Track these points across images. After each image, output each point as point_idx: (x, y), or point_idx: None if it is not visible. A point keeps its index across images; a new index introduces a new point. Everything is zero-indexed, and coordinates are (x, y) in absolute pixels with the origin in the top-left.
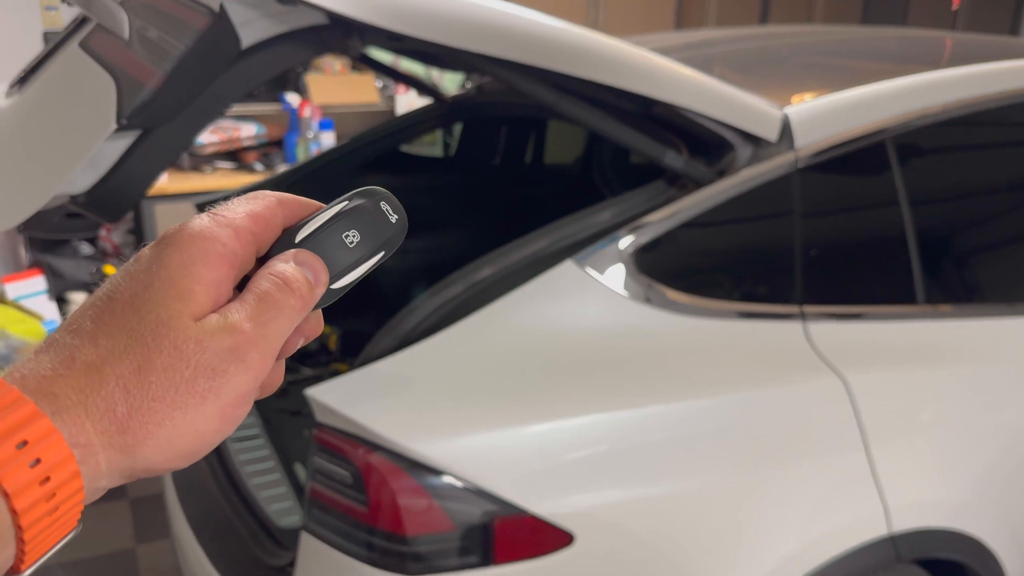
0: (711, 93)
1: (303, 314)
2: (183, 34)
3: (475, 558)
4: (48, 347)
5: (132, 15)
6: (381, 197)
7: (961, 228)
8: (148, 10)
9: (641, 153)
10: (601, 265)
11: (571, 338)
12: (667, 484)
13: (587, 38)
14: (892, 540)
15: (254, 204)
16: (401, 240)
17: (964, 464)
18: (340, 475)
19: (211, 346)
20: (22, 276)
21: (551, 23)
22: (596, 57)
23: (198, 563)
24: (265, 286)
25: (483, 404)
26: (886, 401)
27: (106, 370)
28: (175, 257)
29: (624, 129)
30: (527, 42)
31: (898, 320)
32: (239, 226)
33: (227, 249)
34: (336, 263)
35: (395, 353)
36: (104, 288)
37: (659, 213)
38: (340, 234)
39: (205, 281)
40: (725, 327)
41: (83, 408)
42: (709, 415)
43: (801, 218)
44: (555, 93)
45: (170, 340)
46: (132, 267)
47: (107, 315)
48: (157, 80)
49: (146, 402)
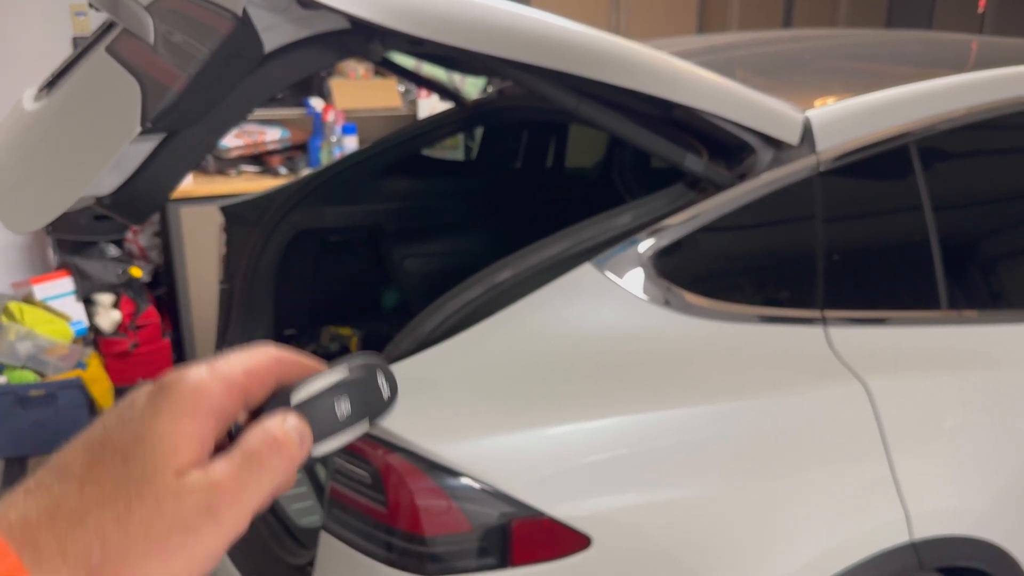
0: (731, 96)
1: (286, 476)
2: (207, 38)
3: (492, 559)
4: (37, 489)
5: (157, 20)
6: (378, 368)
7: (985, 232)
8: (173, 15)
9: (661, 157)
10: (620, 268)
11: (590, 341)
12: (686, 488)
13: (608, 42)
14: (914, 547)
15: (252, 360)
16: (389, 413)
17: (988, 472)
18: (359, 475)
19: (189, 503)
20: (50, 277)
21: (571, 27)
22: (616, 61)
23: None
24: (255, 445)
25: (501, 406)
26: (908, 407)
27: (88, 518)
28: (167, 409)
29: (644, 133)
30: (547, 46)
31: (921, 325)
32: (232, 382)
33: (216, 404)
34: (323, 430)
35: (414, 355)
36: (97, 430)
37: (679, 216)
38: (332, 401)
39: (190, 436)
40: (745, 331)
41: (61, 555)
42: (729, 420)
43: (822, 222)
44: (575, 97)
45: (152, 493)
46: (127, 413)
47: (97, 462)
48: (182, 84)
49: (120, 551)
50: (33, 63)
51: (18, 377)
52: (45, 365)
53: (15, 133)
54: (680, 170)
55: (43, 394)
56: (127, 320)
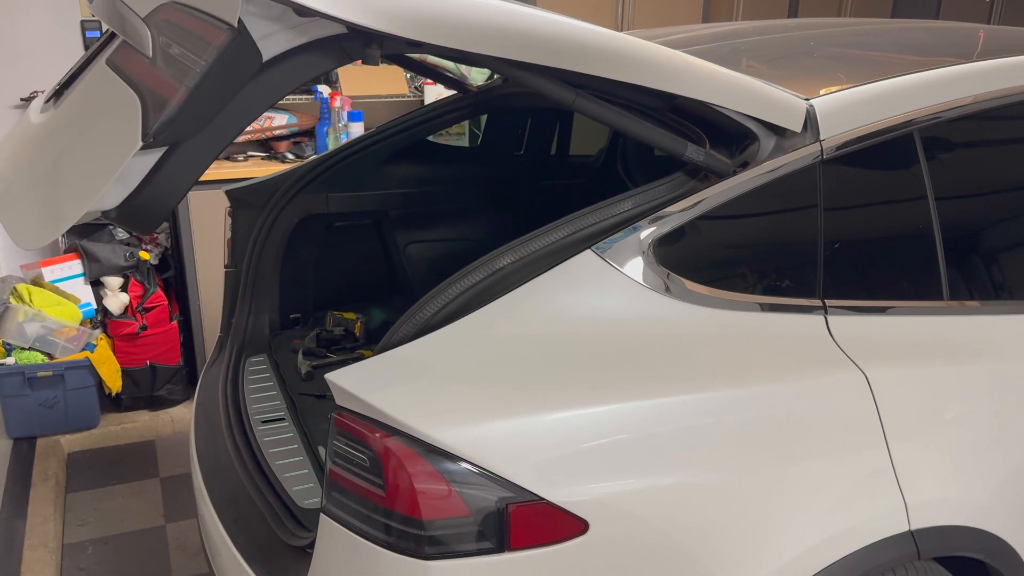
0: (733, 85)
1: None
2: (204, 50)
3: (490, 543)
4: None
5: (155, 31)
6: None
7: (988, 222)
8: (170, 26)
9: (661, 148)
10: (621, 255)
11: (589, 327)
12: (684, 474)
13: (603, 36)
14: (912, 536)
15: None
16: None
17: (988, 462)
18: (358, 459)
19: None
20: (59, 260)
21: (565, 23)
22: (611, 55)
23: (221, 542)
24: None
25: (500, 391)
26: (908, 396)
27: None
28: None
29: (643, 124)
30: (542, 44)
31: (922, 315)
32: None
33: None
34: None
35: (414, 340)
36: None
37: (680, 204)
38: None
39: None
40: (745, 319)
41: None
42: (728, 407)
43: (825, 210)
44: (572, 92)
45: None
46: None
47: None
48: (181, 97)
49: None
50: (40, 47)
51: (27, 358)
52: (53, 346)
53: (22, 147)
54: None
55: (51, 375)
56: (135, 302)
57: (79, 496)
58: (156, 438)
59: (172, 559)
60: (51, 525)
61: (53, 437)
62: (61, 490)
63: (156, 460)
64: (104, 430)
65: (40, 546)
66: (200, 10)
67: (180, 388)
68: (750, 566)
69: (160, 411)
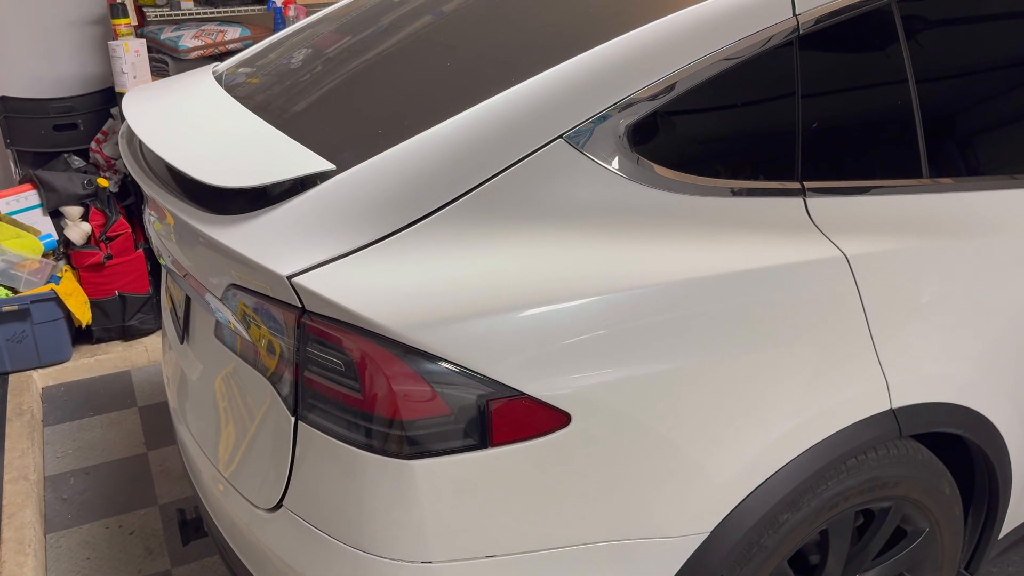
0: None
1: None
2: None
3: (472, 440)
4: None
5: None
6: None
7: (970, 99)
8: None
9: None
10: (594, 145)
11: (563, 218)
12: (665, 362)
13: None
14: (894, 414)
15: None
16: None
17: (967, 338)
18: (333, 364)
19: None
20: (14, 192)
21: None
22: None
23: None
24: None
25: (475, 289)
26: (888, 275)
27: None
28: None
29: None
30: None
31: (903, 193)
32: None
33: None
34: None
35: (387, 239)
36: None
37: (651, 89)
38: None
39: None
40: (722, 204)
41: None
42: (707, 292)
43: (802, 88)
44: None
45: None
46: None
47: None
48: None
49: None
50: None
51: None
52: (17, 280)
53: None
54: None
55: (16, 309)
56: (98, 232)
57: (57, 429)
58: (131, 368)
59: (156, 485)
60: (29, 458)
61: (26, 372)
62: (38, 424)
63: (133, 390)
64: (77, 363)
65: (20, 479)
66: None
67: (152, 317)
68: (734, 450)
69: (133, 341)
